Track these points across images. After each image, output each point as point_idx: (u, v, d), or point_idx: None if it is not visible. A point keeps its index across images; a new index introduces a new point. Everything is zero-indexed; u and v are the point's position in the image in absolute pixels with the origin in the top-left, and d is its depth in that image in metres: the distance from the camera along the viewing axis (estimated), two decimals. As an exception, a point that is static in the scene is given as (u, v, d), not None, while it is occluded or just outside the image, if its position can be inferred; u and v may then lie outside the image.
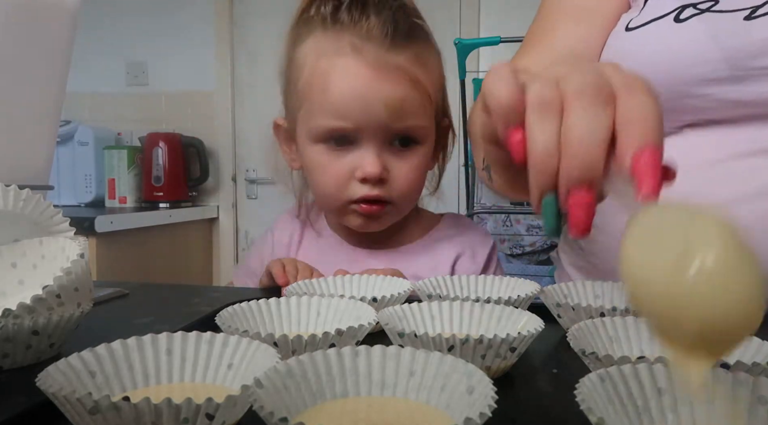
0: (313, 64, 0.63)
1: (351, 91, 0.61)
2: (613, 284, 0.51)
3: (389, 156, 0.64)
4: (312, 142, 0.65)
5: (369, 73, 0.60)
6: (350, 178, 0.64)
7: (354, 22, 0.62)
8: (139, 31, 2.60)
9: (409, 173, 0.65)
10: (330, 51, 0.62)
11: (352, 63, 0.61)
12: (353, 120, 0.61)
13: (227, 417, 0.26)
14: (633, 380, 0.28)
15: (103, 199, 2.30)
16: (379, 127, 0.62)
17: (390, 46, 0.61)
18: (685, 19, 0.58)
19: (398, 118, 0.62)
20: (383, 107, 0.61)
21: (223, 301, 0.52)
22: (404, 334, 0.35)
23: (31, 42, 0.51)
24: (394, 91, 0.61)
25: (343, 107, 0.61)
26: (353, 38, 0.61)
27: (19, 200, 0.42)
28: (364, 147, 0.63)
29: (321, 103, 0.62)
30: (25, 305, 0.36)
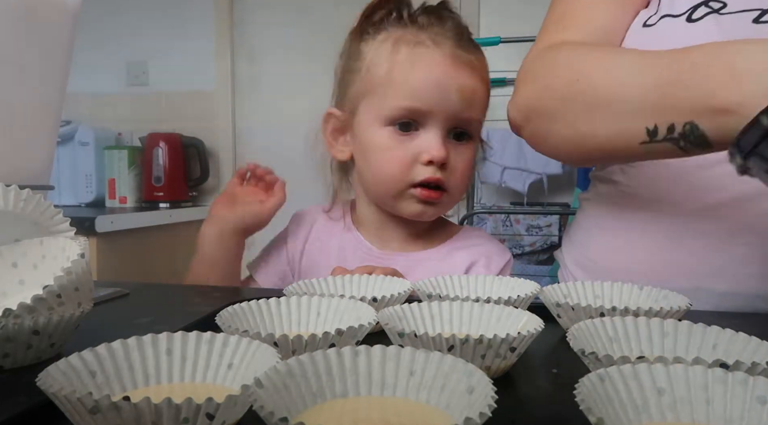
0: (390, 54, 0.68)
1: (431, 76, 0.66)
2: (613, 284, 0.51)
3: (449, 146, 0.69)
4: (380, 125, 0.69)
5: (447, 63, 0.67)
6: (415, 161, 0.68)
7: (431, 24, 0.69)
8: (139, 31, 2.60)
9: (464, 165, 0.70)
10: (410, 43, 0.68)
11: (432, 52, 0.67)
12: (429, 103, 0.66)
13: (227, 416, 0.26)
14: (633, 380, 0.28)
15: (104, 199, 2.30)
16: (448, 112, 0.67)
17: (462, 46, 0.69)
18: (697, 19, 0.59)
19: (467, 106, 0.68)
20: (457, 93, 0.67)
21: (223, 301, 0.52)
22: (404, 334, 0.35)
23: (31, 42, 0.51)
24: (467, 82, 0.68)
25: (422, 90, 0.66)
26: (431, 35, 0.68)
27: (20, 200, 0.42)
28: (432, 132, 0.67)
29: (401, 86, 0.67)
30: (26, 305, 0.36)
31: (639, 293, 0.50)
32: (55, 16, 0.53)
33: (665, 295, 0.48)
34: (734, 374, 0.27)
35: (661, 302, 0.47)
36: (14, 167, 0.51)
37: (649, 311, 0.42)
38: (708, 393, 0.28)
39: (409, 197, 0.69)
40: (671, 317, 0.39)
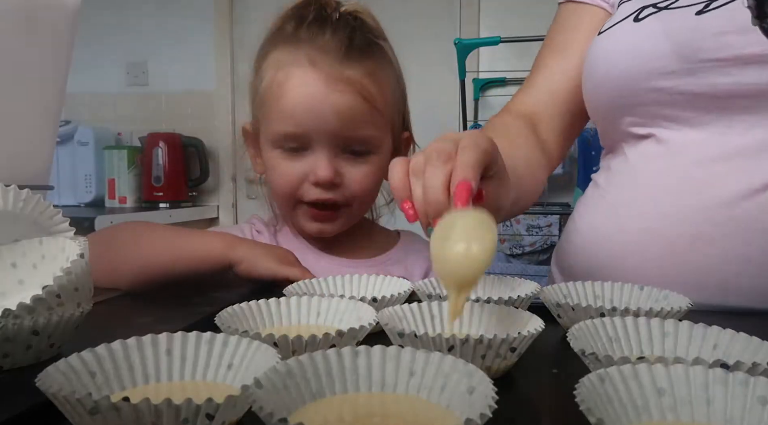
0: (272, 75, 0.67)
1: (303, 99, 0.64)
2: (613, 284, 0.51)
3: (343, 162, 0.67)
4: (271, 147, 0.68)
5: (321, 83, 0.64)
6: (304, 180, 0.67)
7: (312, 38, 0.66)
8: (139, 31, 2.60)
9: (362, 179, 0.68)
10: (288, 63, 0.66)
11: (306, 73, 0.64)
12: (305, 126, 0.65)
13: (227, 417, 0.26)
14: (633, 380, 0.28)
15: (103, 199, 2.30)
16: (330, 134, 0.65)
17: (343, 60, 0.65)
18: (642, 18, 0.63)
19: (348, 126, 0.65)
20: (333, 115, 0.64)
21: (224, 301, 0.52)
22: (404, 334, 0.35)
23: (31, 42, 0.51)
24: (344, 101, 0.64)
25: (296, 114, 0.65)
26: (310, 51, 0.65)
27: (19, 200, 0.42)
28: (318, 153, 0.66)
29: (277, 110, 0.66)
30: (25, 305, 0.36)
31: (639, 294, 0.50)
32: (55, 16, 0.53)
33: (665, 295, 0.48)
34: (735, 374, 0.27)
35: (661, 302, 0.47)
36: (14, 167, 0.51)
37: (650, 311, 0.42)
38: (708, 394, 0.28)
39: (303, 214, 0.70)
40: (671, 318, 0.39)
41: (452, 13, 2.43)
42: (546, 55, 0.78)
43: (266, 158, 0.70)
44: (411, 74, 0.74)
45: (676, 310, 0.43)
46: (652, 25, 0.61)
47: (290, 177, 0.67)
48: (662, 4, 0.62)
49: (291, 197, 0.69)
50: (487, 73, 2.34)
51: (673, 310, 0.43)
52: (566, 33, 0.76)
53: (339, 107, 0.64)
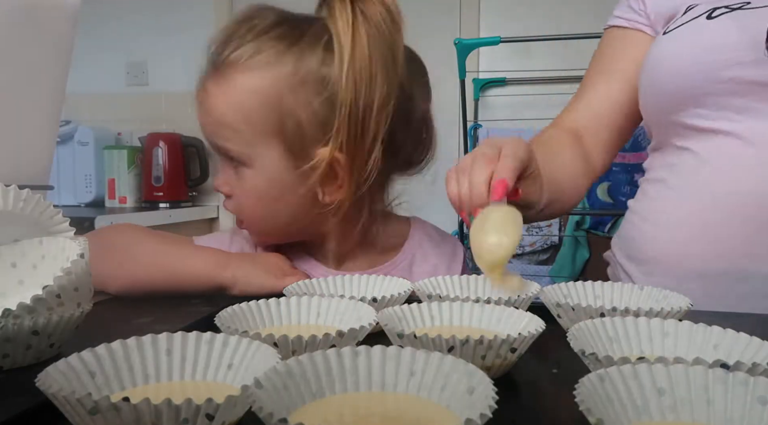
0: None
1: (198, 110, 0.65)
2: (613, 284, 0.51)
3: (234, 173, 0.64)
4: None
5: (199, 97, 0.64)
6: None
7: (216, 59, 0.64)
8: (139, 31, 2.60)
9: (242, 194, 0.64)
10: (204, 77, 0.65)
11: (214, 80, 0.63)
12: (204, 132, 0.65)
13: (227, 417, 0.26)
14: (633, 380, 0.28)
15: (103, 199, 2.29)
16: (211, 144, 0.65)
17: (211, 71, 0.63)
18: (716, 16, 0.66)
19: (211, 136, 0.64)
20: (202, 127, 0.65)
21: (224, 301, 0.52)
22: (404, 335, 0.35)
23: (31, 42, 0.51)
24: (201, 113, 0.64)
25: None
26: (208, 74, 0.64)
27: (19, 200, 0.42)
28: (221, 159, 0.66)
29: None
30: (25, 305, 0.36)
31: (639, 294, 0.50)
32: (55, 16, 0.53)
33: (665, 295, 0.48)
34: (735, 374, 0.27)
35: (661, 302, 0.47)
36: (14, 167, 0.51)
37: (650, 311, 0.42)
38: (708, 394, 0.28)
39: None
40: (672, 318, 0.39)
41: (452, 13, 2.43)
42: (592, 76, 0.83)
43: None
44: (411, 74, 0.73)
45: (676, 310, 0.43)
46: (726, 21, 0.65)
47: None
48: (735, 5, 0.66)
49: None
50: (487, 73, 2.34)
51: (673, 310, 0.43)
52: (612, 56, 0.82)
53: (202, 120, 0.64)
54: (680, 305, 0.44)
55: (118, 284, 0.62)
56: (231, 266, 0.61)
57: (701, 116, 0.66)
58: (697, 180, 0.67)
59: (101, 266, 0.57)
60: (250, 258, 0.65)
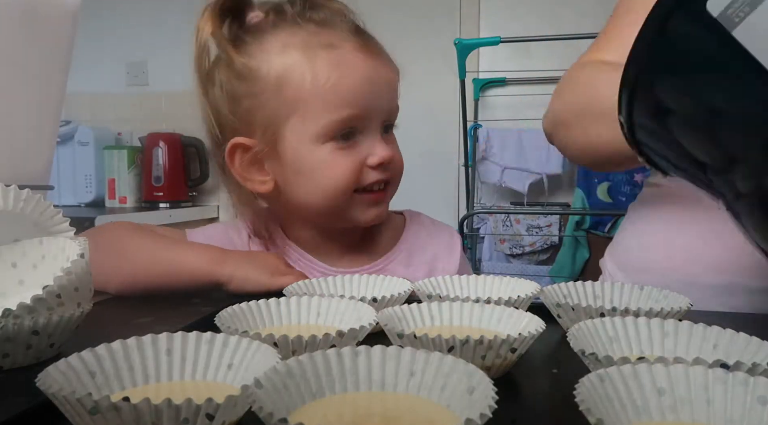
0: (305, 63, 0.60)
1: (361, 78, 0.62)
2: (613, 284, 0.51)
3: (385, 141, 0.66)
4: (319, 143, 0.62)
5: (368, 59, 0.62)
6: (362, 167, 0.63)
7: (326, 21, 0.63)
8: (139, 31, 2.60)
9: (399, 155, 0.68)
10: (321, 46, 0.61)
11: (348, 52, 0.61)
12: (366, 106, 0.62)
13: (227, 417, 0.26)
14: (633, 380, 0.28)
15: (103, 199, 2.30)
16: (383, 109, 0.64)
17: (365, 36, 0.64)
18: None
19: (394, 97, 0.66)
20: (387, 87, 0.64)
21: (224, 301, 0.52)
22: (403, 335, 0.35)
23: (31, 42, 0.51)
24: (389, 73, 0.65)
25: (357, 95, 0.61)
26: (336, 33, 0.62)
27: (19, 200, 0.42)
28: (370, 135, 0.64)
29: (334, 97, 0.61)
30: (25, 305, 0.36)
31: (639, 294, 0.50)
32: (55, 16, 0.53)
33: (665, 295, 0.48)
34: (735, 374, 0.27)
35: (661, 302, 0.47)
36: (14, 167, 0.51)
37: (650, 311, 0.42)
38: (708, 394, 0.28)
39: (360, 204, 0.65)
40: (671, 318, 0.39)
41: (452, 13, 2.43)
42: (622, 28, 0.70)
43: (309, 159, 0.62)
44: (411, 74, 0.73)
45: (676, 310, 0.43)
46: None
47: (350, 167, 0.62)
48: None
49: (348, 189, 0.63)
50: (487, 73, 2.34)
51: (673, 310, 0.43)
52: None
53: (389, 79, 0.65)
54: (680, 306, 0.44)
55: (117, 283, 0.62)
56: (228, 263, 0.61)
57: None
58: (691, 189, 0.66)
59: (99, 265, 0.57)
60: (247, 256, 0.65)
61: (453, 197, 2.44)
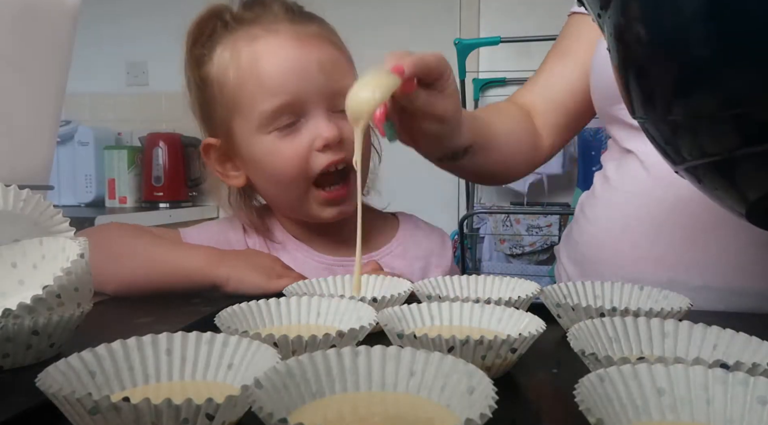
0: (236, 62, 0.64)
1: (283, 64, 0.62)
2: (613, 284, 0.51)
3: (339, 120, 0.63)
4: (262, 134, 0.64)
5: (293, 44, 0.63)
6: (310, 151, 0.63)
7: (257, 16, 0.65)
8: (139, 31, 2.60)
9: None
10: (247, 41, 0.63)
11: (274, 41, 0.63)
12: (294, 91, 0.62)
13: (227, 416, 0.26)
14: (632, 380, 0.28)
15: (103, 199, 2.29)
16: (320, 92, 0.63)
17: (299, 20, 0.65)
18: None
19: (335, 79, 0.63)
20: (320, 71, 0.62)
21: (224, 301, 0.52)
22: (403, 335, 0.35)
23: (31, 42, 0.51)
24: (322, 53, 0.63)
25: (280, 82, 0.62)
26: (263, 25, 0.64)
27: (19, 200, 0.42)
28: (314, 117, 0.63)
29: (259, 89, 0.62)
30: (25, 305, 0.36)
31: (639, 294, 0.50)
32: (54, 16, 0.53)
33: (665, 295, 0.48)
34: (735, 374, 0.27)
35: (661, 302, 0.47)
36: (14, 167, 0.51)
37: (650, 311, 0.42)
38: (708, 394, 0.28)
39: (316, 203, 0.65)
40: (671, 318, 0.39)
41: (452, 13, 2.43)
42: (549, 58, 0.82)
43: (256, 152, 0.65)
44: (411, 74, 0.73)
45: (676, 310, 0.43)
46: None
47: (296, 153, 0.63)
48: None
49: (300, 178, 0.63)
50: (487, 73, 2.34)
51: (673, 310, 0.43)
52: (570, 40, 0.81)
53: (322, 60, 0.63)
54: (680, 306, 0.44)
55: (114, 285, 0.62)
56: (224, 265, 0.61)
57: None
58: (637, 185, 0.66)
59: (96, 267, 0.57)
60: (243, 257, 0.65)
61: (453, 197, 2.44)
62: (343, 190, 0.65)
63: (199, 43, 0.67)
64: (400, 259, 0.72)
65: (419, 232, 0.77)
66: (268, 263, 0.63)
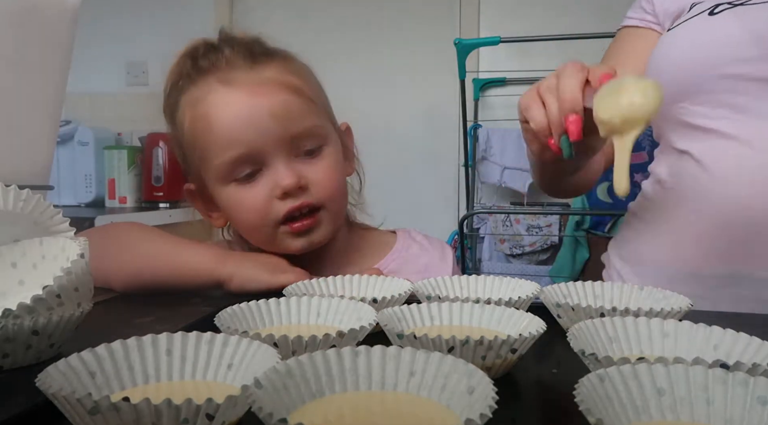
0: (191, 114, 0.64)
1: (236, 117, 0.61)
2: (613, 284, 0.51)
3: (301, 165, 0.63)
4: (222, 185, 0.64)
5: (243, 94, 0.62)
6: (270, 200, 0.63)
7: (213, 63, 0.64)
8: (139, 31, 2.60)
9: (325, 174, 0.65)
10: (202, 94, 0.63)
11: (223, 93, 0.62)
12: (247, 143, 0.61)
13: (227, 416, 0.26)
14: (632, 380, 0.28)
15: (103, 199, 2.29)
16: (275, 140, 0.62)
17: (253, 65, 0.64)
18: (718, 12, 0.67)
19: (290, 125, 0.62)
20: (272, 119, 0.61)
21: (224, 301, 0.52)
22: (403, 335, 0.35)
23: (31, 42, 0.51)
24: (273, 100, 0.62)
25: (233, 135, 0.61)
26: (218, 75, 0.63)
27: (19, 200, 0.42)
28: (272, 166, 0.62)
29: (214, 142, 0.62)
30: (25, 305, 0.36)
31: (639, 294, 0.50)
32: (54, 15, 0.53)
33: (665, 295, 0.48)
34: (735, 374, 0.27)
35: (661, 302, 0.47)
36: (14, 167, 0.51)
37: (650, 311, 0.42)
38: (708, 394, 0.28)
39: (285, 235, 0.64)
40: (672, 318, 0.39)
41: (452, 13, 2.43)
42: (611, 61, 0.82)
43: (222, 199, 0.66)
44: (411, 74, 0.73)
45: (676, 310, 0.43)
46: (728, 17, 0.65)
47: (256, 203, 0.63)
48: (737, 1, 0.66)
49: (265, 224, 0.64)
50: (487, 73, 2.34)
51: (673, 310, 0.43)
52: (623, 54, 0.82)
53: (273, 108, 0.61)
54: (680, 306, 0.44)
55: (121, 280, 0.62)
56: (229, 262, 0.62)
57: (699, 113, 0.67)
58: (696, 184, 0.67)
59: (107, 262, 0.59)
60: (248, 255, 0.65)
61: (453, 197, 2.44)
62: (311, 220, 0.64)
63: (173, 87, 0.68)
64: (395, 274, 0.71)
65: (415, 246, 0.76)
66: (272, 260, 0.64)
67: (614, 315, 0.40)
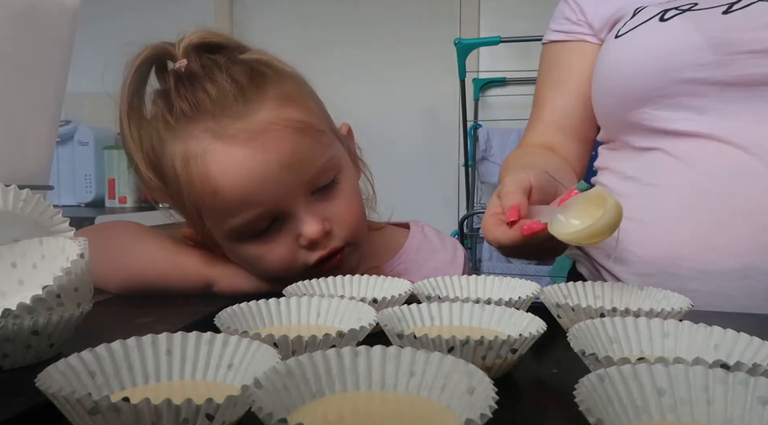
0: (186, 173, 0.56)
1: (242, 180, 0.54)
2: (613, 284, 0.51)
3: (321, 206, 0.58)
4: (237, 242, 0.59)
5: (246, 151, 0.54)
6: (295, 250, 0.58)
7: (196, 106, 0.55)
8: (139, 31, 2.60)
9: (347, 208, 0.60)
10: (196, 151, 0.55)
11: (223, 152, 0.54)
12: (260, 203, 0.55)
13: (227, 416, 0.26)
14: (632, 380, 0.28)
15: (103, 199, 2.29)
16: (290, 191, 0.56)
17: (246, 104, 0.55)
18: (668, 18, 0.66)
19: (301, 169, 0.56)
20: (281, 170, 0.54)
21: (223, 301, 0.52)
22: (403, 335, 0.35)
23: (31, 42, 0.51)
24: (281, 149, 0.55)
25: (243, 199, 0.54)
26: (206, 123, 0.55)
27: (19, 200, 0.42)
28: (291, 214, 0.57)
29: (218, 208, 0.56)
30: (25, 305, 0.36)
31: (639, 294, 0.50)
32: (55, 16, 0.53)
33: (666, 295, 0.48)
34: (735, 374, 0.27)
35: (661, 302, 0.47)
36: (14, 167, 0.51)
37: (650, 311, 0.42)
38: (709, 394, 0.28)
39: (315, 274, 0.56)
40: (672, 318, 0.39)
41: (452, 13, 2.43)
42: (545, 92, 0.84)
43: (238, 254, 0.60)
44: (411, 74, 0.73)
45: (676, 310, 0.43)
46: (681, 23, 0.65)
47: (281, 256, 0.58)
48: (685, 6, 0.66)
49: (291, 271, 0.59)
50: (487, 73, 2.34)
51: (673, 310, 0.43)
52: (559, 70, 0.82)
53: (283, 159, 0.54)
54: (680, 306, 0.44)
55: (116, 282, 0.62)
56: (219, 264, 0.62)
57: (661, 117, 0.66)
58: (679, 178, 0.66)
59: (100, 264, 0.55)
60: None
61: (453, 197, 2.44)
62: (340, 257, 0.60)
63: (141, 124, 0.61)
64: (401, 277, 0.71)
65: (426, 247, 0.73)
66: None
67: (614, 315, 0.40)
